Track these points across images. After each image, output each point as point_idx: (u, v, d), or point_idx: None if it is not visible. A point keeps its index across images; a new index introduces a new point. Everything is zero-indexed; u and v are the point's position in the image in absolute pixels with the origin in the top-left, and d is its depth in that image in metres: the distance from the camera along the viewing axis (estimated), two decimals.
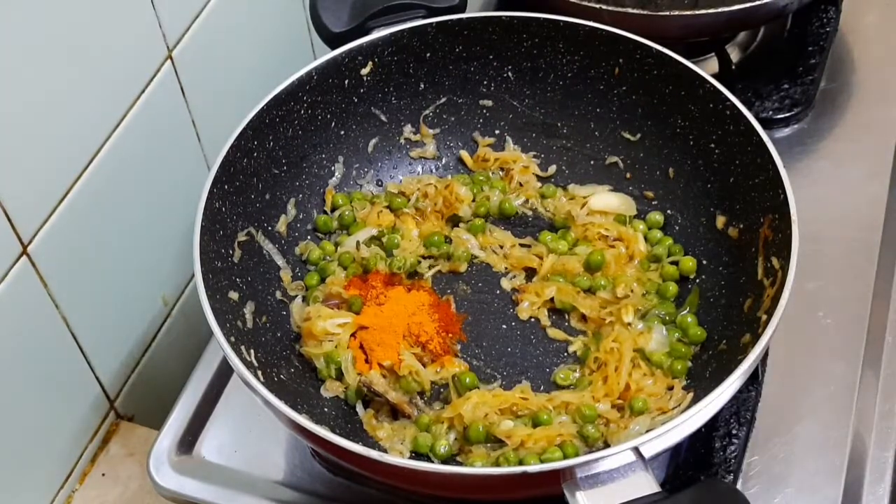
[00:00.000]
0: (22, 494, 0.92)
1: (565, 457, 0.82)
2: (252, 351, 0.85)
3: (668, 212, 0.99)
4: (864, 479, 0.86)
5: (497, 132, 1.06)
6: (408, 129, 1.05)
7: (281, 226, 0.98)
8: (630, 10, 1.08)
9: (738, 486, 0.86)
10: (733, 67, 1.19)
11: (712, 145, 0.94)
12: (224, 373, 0.97)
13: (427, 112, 1.05)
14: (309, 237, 1.00)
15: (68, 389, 0.95)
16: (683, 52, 0.95)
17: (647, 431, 0.74)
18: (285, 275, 0.96)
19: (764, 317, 0.81)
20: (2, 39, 0.77)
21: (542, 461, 0.82)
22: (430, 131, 1.06)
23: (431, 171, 1.06)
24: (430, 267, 0.98)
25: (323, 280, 0.96)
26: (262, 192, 0.95)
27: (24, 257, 0.85)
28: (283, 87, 0.95)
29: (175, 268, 1.07)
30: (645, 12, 1.05)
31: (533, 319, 0.94)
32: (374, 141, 1.04)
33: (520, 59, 1.02)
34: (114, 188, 0.94)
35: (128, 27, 0.91)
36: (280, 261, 0.96)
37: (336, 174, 1.03)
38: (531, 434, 0.83)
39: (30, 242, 0.85)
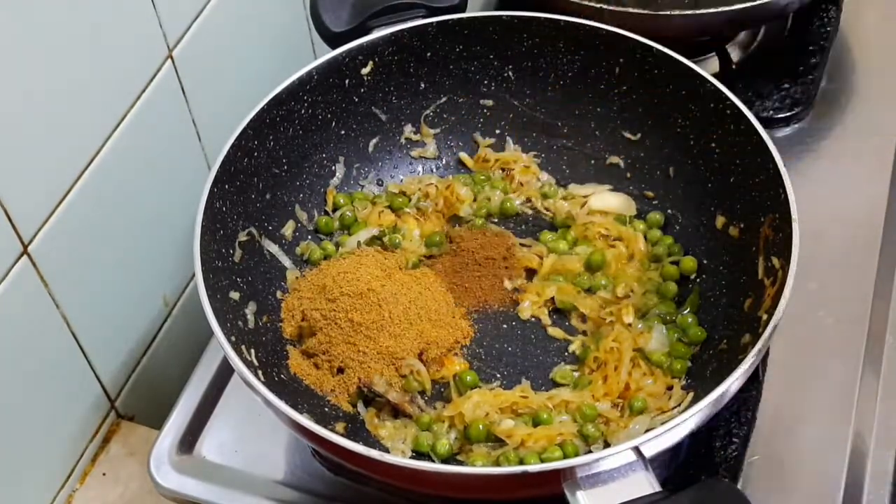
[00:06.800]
0: (22, 494, 0.92)
1: (565, 456, 0.82)
2: (253, 350, 0.85)
3: (669, 211, 0.99)
4: (865, 479, 0.86)
5: (497, 132, 1.06)
6: (408, 129, 1.05)
7: (287, 229, 0.97)
8: (631, 10, 1.08)
9: (738, 486, 0.86)
10: (734, 67, 1.19)
11: (713, 145, 0.94)
12: (224, 373, 0.97)
13: (427, 112, 1.05)
14: (310, 237, 1.00)
15: (68, 389, 0.95)
16: (684, 52, 0.95)
17: (647, 431, 0.74)
18: (291, 275, 0.96)
19: (764, 316, 0.81)
20: (1, 39, 0.77)
21: (542, 460, 0.82)
22: (431, 131, 1.06)
23: (432, 170, 1.06)
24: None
25: None
26: (262, 191, 0.95)
27: (25, 257, 0.85)
28: (284, 86, 0.95)
29: (175, 268, 1.07)
30: (646, 12, 1.05)
31: (534, 319, 0.94)
32: (374, 141, 1.04)
33: (520, 59, 1.02)
34: (114, 188, 0.94)
35: (128, 27, 0.91)
36: (286, 261, 0.96)
37: (337, 174, 1.03)
38: (531, 433, 0.84)
39: (30, 242, 0.85)
